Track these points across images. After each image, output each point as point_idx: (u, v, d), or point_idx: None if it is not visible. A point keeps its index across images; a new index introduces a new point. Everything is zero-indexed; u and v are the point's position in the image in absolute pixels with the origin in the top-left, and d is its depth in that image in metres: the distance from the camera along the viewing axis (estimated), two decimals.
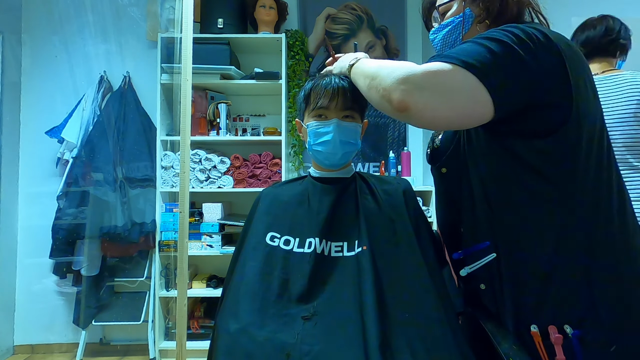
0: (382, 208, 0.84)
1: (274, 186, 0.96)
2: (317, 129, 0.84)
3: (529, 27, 0.60)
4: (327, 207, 0.83)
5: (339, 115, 0.84)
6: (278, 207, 0.88)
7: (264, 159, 2.22)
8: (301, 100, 0.90)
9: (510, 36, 0.59)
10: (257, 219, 0.88)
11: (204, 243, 2.17)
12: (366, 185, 0.89)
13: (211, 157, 2.16)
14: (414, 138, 2.45)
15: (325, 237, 0.81)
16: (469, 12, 0.74)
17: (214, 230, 2.15)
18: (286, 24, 2.40)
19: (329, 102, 0.83)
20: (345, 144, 0.84)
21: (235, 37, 2.19)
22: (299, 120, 0.93)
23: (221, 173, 2.18)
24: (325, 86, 0.84)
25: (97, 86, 2.29)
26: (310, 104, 0.86)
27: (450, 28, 0.75)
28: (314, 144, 0.85)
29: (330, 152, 0.84)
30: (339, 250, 0.80)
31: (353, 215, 0.83)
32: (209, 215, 2.18)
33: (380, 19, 2.47)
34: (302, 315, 0.72)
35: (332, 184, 0.88)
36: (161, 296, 2.16)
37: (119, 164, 2.16)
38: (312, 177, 0.91)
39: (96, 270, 2.14)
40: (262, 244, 0.82)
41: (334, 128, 0.83)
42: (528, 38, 0.58)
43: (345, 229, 0.82)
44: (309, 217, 0.84)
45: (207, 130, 2.21)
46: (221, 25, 2.16)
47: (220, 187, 2.17)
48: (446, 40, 0.77)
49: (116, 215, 2.13)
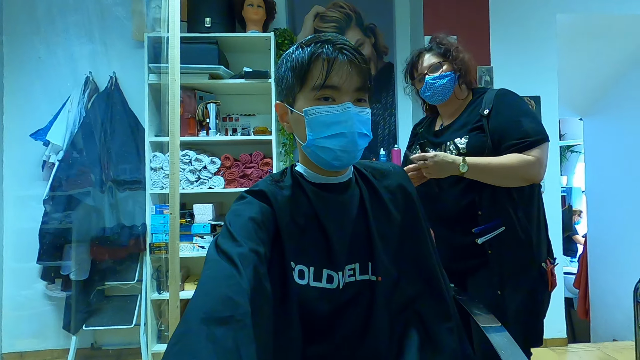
0: (390, 216, 0.72)
1: (273, 189, 0.68)
2: (325, 117, 0.63)
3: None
4: (339, 229, 0.67)
5: (352, 98, 0.64)
6: (293, 226, 0.66)
7: (254, 159, 2.21)
8: (288, 75, 0.66)
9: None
10: (282, 239, 0.64)
11: (195, 244, 2.15)
12: (367, 186, 0.75)
13: (201, 158, 2.14)
14: (404, 135, 2.46)
15: (342, 266, 0.67)
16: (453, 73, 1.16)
17: (205, 231, 2.13)
18: (275, 23, 2.39)
19: (342, 79, 0.62)
20: (363, 137, 0.66)
21: (224, 36, 2.17)
22: (283, 104, 0.69)
23: (212, 173, 2.16)
24: (333, 56, 0.62)
25: (82, 87, 2.25)
26: (308, 80, 0.63)
27: (448, 79, 1.15)
28: (320, 138, 0.64)
29: (346, 148, 0.64)
30: (351, 274, 0.68)
31: (365, 233, 0.70)
32: (200, 217, 2.16)
33: (368, 17, 2.47)
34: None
35: (335, 191, 0.70)
36: (153, 299, 2.14)
37: (106, 166, 2.12)
38: (309, 181, 0.70)
39: (85, 275, 2.11)
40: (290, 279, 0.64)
41: (351, 115, 0.63)
42: None
43: (356, 248, 0.68)
44: (323, 244, 0.67)
45: (196, 130, 2.19)
46: (209, 24, 2.14)
47: (211, 188, 2.15)
48: (446, 85, 1.15)
49: (105, 218, 2.10)
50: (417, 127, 1.35)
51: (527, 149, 1.04)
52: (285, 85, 0.67)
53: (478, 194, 1.09)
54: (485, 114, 1.10)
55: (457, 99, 1.18)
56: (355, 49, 0.65)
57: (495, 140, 1.07)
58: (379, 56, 2.48)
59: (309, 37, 0.67)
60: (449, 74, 1.14)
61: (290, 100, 0.68)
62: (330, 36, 0.66)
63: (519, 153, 1.04)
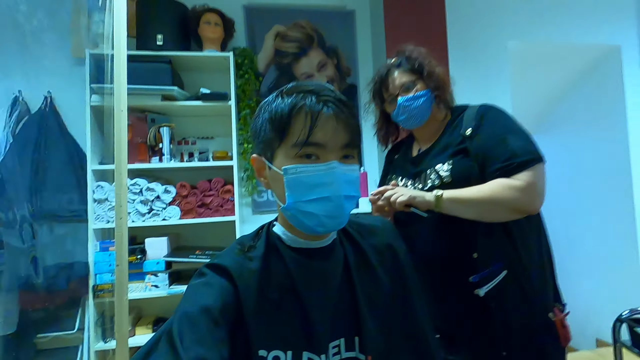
0: (378, 282, 0.64)
1: (240, 262, 0.58)
2: (307, 178, 0.55)
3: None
4: (321, 301, 0.58)
5: (338, 156, 0.57)
6: (264, 304, 0.56)
7: (214, 186, 2.05)
8: (267, 127, 0.58)
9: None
10: (246, 324, 0.54)
11: (147, 284, 1.92)
12: (353, 246, 0.66)
13: (153, 187, 1.94)
14: (369, 159, 2.43)
15: (325, 346, 0.57)
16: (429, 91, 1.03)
17: (159, 268, 1.92)
18: (233, 42, 2.27)
19: (327, 135, 0.55)
20: (350, 199, 0.58)
21: (178, 55, 2.01)
22: (260, 158, 0.61)
23: (166, 204, 1.96)
24: (317, 110, 0.55)
25: (9, 108, 1.96)
26: (289, 135, 0.56)
27: (424, 100, 1.02)
28: (302, 202, 0.56)
29: (331, 214, 0.56)
30: (336, 352, 0.58)
31: (350, 302, 0.60)
32: (152, 252, 1.94)
33: (330, 38, 2.44)
34: None
35: (317, 257, 0.61)
36: (97, 349, 1.87)
37: (39, 199, 1.85)
38: (287, 246, 0.61)
39: (13, 328, 1.79)
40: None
41: (337, 176, 0.55)
42: None
43: (341, 321, 0.59)
44: (301, 321, 0.56)
45: (147, 156, 1.99)
46: (160, 41, 1.97)
47: (165, 220, 1.95)
48: (422, 106, 1.02)
49: (37, 259, 1.81)
50: (392, 154, 1.22)
51: (515, 172, 0.86)
52: (263, 138, 0.59)
53: (470, 229, 0.90)
54: (467, 134, 0.94)
55: (435, 120, 1.05)
56: (342, 100, 0.59)
57: (480, 164, 0.91)
58: (342, 78, 2.45)
59: (290, 86, 0.60)
60: (425, 92, 1.00)
61: (268, 155, 0.59)
62: (314, 86, 0.59)
63: (505, 178, 0.86)
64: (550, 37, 2.49)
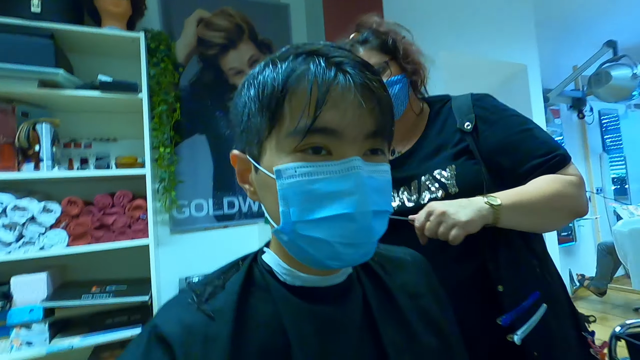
0: (414, 339, 0.44)
1: (191, 323, 0.38)
2: (314, 184, 0.36)
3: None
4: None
5: (362, 150, 0.38)
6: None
7: (118, 201, 1.58)
8: (251, 109, 0.39)
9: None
10: None
11: (15, 341, 1.36)
12: (374, 285, 0.46)
13: (25, 205, 1.40)
14: None
15: None
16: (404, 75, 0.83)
17: (33, 317, 1.38)
18: (144, 22, 1.84)
19: (345, 117, 0.36)
20: (380, 216, 0.39)
21: (65, 29, 1.51)
22: (244, 156, 0.42)
23: (45, 227, 1.44)
24: (328, 77, 0.36)
25: None
26: (284, 119, 0.37)
27: (400, 86, 0.81)
28: (306, 222, 0.36)
29: (353, 240, 0.37)
30: None
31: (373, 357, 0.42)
32: (23, 296, 1.40)
33: (262, 31, 2.17)
34: None
35: (326, 301, 0.41)
36: None
37: None
38: (282, 283, 0.42)
39: None
40: None
41: (361, 181, 0.36)
42: None
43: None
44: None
45: (15, 163, 1.44)
46: (37, 7, 1.46)
47: (44, 249, 1.42)
48: (398, 95, 0.80)
49: None
50: None
51: (561, 167, 0.69)
52: (247, 126, 0.40)
53: (491, 254, 0.69)
54: (467, 129, 0.76)
55: (413, 112, 0.86)
56: (366, 64, 0.39)
57: (496, 164, 0.73)
58: None
59: (286, 48, 0.40)
60: (400, 77, 0.80)
61: (254, 152, 0.40)
62: (321, 45, 0.39)
63: (552, 174, 0.69)
64: (474, 51, 2.63)
